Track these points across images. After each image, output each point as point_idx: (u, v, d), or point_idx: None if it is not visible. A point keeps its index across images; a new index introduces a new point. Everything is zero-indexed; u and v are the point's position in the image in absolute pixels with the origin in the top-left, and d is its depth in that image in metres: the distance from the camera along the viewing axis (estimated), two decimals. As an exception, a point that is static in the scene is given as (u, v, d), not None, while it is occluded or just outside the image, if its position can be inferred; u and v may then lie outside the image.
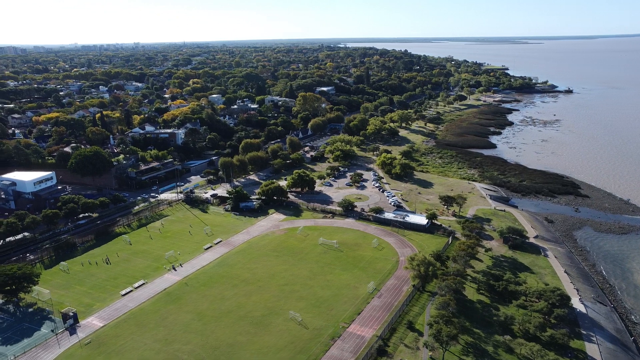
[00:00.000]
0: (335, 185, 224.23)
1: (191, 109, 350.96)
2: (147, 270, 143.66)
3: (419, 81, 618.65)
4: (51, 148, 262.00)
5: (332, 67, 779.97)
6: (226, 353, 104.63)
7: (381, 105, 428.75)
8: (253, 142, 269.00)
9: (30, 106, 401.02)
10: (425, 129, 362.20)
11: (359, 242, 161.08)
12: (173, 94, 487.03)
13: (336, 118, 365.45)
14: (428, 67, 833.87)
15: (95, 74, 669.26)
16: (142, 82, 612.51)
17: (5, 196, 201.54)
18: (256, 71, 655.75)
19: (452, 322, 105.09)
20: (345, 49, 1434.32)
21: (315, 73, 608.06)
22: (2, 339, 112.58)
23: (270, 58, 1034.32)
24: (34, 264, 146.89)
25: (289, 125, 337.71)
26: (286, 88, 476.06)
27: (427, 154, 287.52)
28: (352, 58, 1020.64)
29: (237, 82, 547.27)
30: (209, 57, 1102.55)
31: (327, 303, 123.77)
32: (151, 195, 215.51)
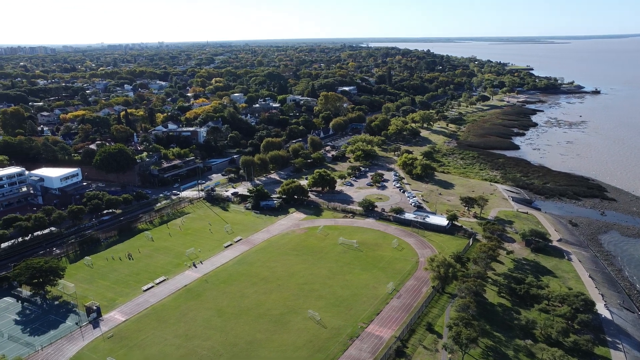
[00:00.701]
0: (356, 185, 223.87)
1: (213, 108, 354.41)
2: (168, 267, 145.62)
3: (442, 81, 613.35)
4: (77, 145, 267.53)
5: (354, 67, 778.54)
6: (245, 350, 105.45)
7: (403, 105, 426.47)
8: (274, 141, 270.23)
9: (58, 104, 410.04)
10: (447, 130, 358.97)
11: (379, 242, 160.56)
12: (196, 92, 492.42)
13: (358, 118, 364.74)
14: (451, 67, 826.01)
15: (120, 72, 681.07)
16: (166, 80, 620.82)
17: (33, 191, 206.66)
18: (278, 70, 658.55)
19: (472, 325, 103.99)
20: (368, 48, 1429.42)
21: (337, 73, 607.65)
22: (31, 329, 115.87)
23: (292, 57, 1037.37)
24: (59, 258, 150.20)
25: (311, 124, 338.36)
26: (308, 87, 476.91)
27: (448, 155, 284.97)
28: (374, 58, 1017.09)
29: (259, 81, 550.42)
30: (231, 56, 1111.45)
31: (346, 303, 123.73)
32: (173, 192, 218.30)
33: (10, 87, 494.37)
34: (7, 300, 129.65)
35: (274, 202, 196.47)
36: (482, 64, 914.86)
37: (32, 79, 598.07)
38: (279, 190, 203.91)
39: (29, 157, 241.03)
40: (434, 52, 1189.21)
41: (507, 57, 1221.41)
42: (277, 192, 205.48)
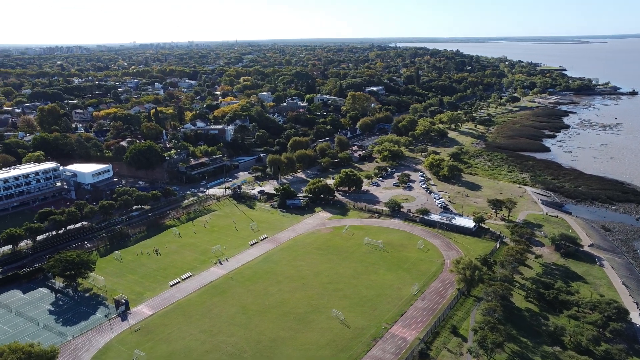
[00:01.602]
0: (382, 185, 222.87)
1: (241, 106, 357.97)
2: (195, 263, 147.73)
3: (470, 82, 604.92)
4: (109, 142, 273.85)
5: (382, 67, 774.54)
6: (268, 347, 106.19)
7: (430, 106, 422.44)
8: (301, 140, 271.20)
9: (91, 102, 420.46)
10: (475, 131, 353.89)
11: (404, 243, 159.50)
12: (224, 91, 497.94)
13: (385, 118, 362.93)
14: (480, 68, 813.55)
15: (151, 71, 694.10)
16: (195, 79, 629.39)
17: (67, 186, 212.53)
18: (306, 70, 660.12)
19: (498, 329, 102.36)
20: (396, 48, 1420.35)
21: (365, 72, 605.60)
22: (63, 319, 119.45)
23: (320, 57, 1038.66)
24: (90, 252, 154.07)
25: (338, 124, 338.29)
26: (336, 87, 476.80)
27: (476, 156, 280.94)
28: (402, 58, 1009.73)
29: (287, 80, 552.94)
30: (260, 56, 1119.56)
31: (370, 303, 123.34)
32: (200, 189, 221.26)
33: (47, 86, 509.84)
34: (42, 290, 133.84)
35: (300, 201, 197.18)
36: (512, 65, 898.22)
37: (68, 78, 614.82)
38: (305, 189, 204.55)
39: (63, 153, 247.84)
40: (463, 52, 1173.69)
41: (539, 57, 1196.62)
42: (303, 191, 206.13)
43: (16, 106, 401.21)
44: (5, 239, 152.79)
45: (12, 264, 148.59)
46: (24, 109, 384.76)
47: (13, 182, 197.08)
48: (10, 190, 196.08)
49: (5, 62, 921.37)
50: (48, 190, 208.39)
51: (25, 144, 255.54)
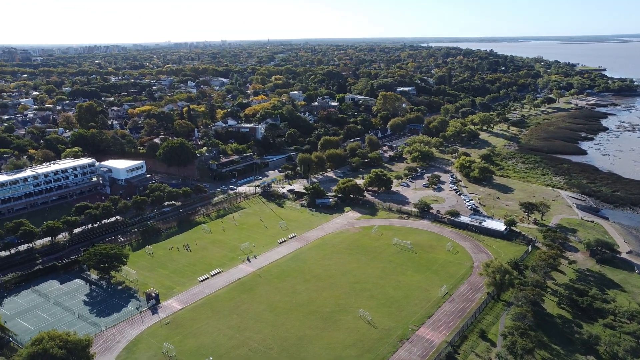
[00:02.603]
0: (412, 186, 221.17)
1: (272, 105, 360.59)
2: (223, 260, 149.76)
3: (504, 83, 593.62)
4: (143, 139, 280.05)
5: (414, 67, 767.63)
6: (295, 345, 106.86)
7: (462, 107, 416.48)
8: (332, 140, 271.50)
9: (127, 99, 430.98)
10: (507, 133, 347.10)
11: (433, 244, 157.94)
12: (255, 89, 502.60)
13: (416, 119, 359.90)
14: (514, 68, 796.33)
15: (184, 69, 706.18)
16: (227, 77, 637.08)
17: (102, 181, 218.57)
18: (337, 69, 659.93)
19: (529, 335, 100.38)
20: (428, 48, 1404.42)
21: (397, 73, 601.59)
22: (97, 310, 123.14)
23: (352, 56, 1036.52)
24: (123, 246, 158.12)
25: (369, 124, 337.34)
26: (367, 87, 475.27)
27: (508, 158, 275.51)
28: (434, 58, 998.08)
29: (318, 80, 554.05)
30: (291, 55, 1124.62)
31: (398, 304, 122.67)
32: (230, 187, 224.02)
33: (86, 84, 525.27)
34: (78, 282, 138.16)
35: (330, 200, 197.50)
36: (548, 65, 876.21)
37: (105, 76, 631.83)
38: (335, 188, 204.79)
39: (100, 149, 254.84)
40: (497, 52, 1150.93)
41: (577, 57, 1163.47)
42: (333, 190, 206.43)
43: (57, 103, 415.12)
44: (45, 231, 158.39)
45: (50, 255, 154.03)
46: (64, 106, 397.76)
47: (53, 176, 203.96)
48: (50, 184, 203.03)
49: (49, 62, 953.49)
50: (85, 185, 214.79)
51: (64, 140, 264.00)
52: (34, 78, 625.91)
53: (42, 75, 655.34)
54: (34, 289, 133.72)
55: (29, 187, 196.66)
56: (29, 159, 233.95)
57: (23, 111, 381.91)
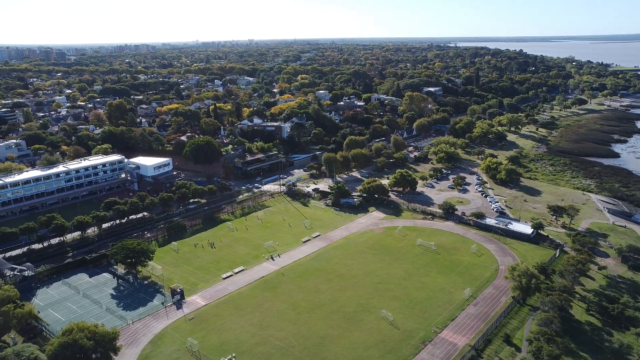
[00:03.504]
0: (437, 187, 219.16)
1: (298, 104, 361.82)
2: (247, 258, 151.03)
3: (533, 83, 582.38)
4: (170, 136, 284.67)
5: (441, 67, 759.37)
6: (316, 344, 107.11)
7: (490, 107, 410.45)
8: (357, 139, 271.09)
9: (155, 98, 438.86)
10: (536, 134, 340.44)
11: (458, 246, 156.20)
12: (281, 88, 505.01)
13: (442, 119, 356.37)
14: (544, 69, 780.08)
15: (211, 68, 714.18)
16: (254, 76, 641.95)
17: (130, 178, 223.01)
18: (364, 69, 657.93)
19: (555, 341, 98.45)
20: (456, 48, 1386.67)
21: (423, 73, 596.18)
22: (124, 304, 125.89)
23: (378, 56, 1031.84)
24: (150, 242, 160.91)
25: (394, 124, 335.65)
26: (393, 87, 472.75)
27: (536, 161, 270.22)
28: (462, 58, 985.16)
29: (345, 79, 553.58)
30: (318, 54, 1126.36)
31: (421, 305, 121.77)
32: (255, 185, 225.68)
33: (116, 82, 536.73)
34: (106, 275, 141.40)
35: (354, 200, 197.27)
36: (580, 65, 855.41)
37: (135, 75, 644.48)
38: (359, 188, 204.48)
39: (128, 146, 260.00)
40: (526, 52, 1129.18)
41: (611, 57, 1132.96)
42: (357, 190, 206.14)
43: (88, 101, 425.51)
44: (76, 225, 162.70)
45: (80, 249, 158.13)
46: (95, 103, 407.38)
47: (83, 172, 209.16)
48: (81, 180, 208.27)
49: (81, 61, 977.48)
50: (113, 181, 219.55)
51: (94, 137, 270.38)
52: (67, 77, 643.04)
53: (75, 74, 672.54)
54: (65, 282, 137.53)
55: (61, 182, 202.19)
56: (61, 155, 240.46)
57: (57, 109, 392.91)
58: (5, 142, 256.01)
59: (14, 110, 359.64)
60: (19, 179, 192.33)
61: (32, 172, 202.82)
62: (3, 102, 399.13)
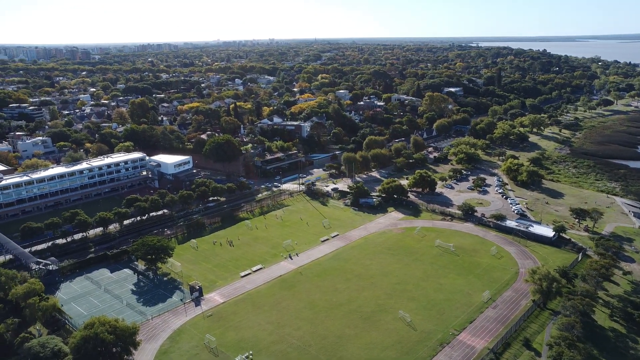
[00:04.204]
0: (456, 188, 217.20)
1: (318, 103, 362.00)
2: (266, 256, 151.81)
3: (557, 84, 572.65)
4: (190, 135, 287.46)
5: (462, 67, 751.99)
6: (333, 344, 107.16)
7: (511, 108, 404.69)
8: (377, 139, 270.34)
9: (176, 96, 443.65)
10: (559, 136, 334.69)
11: (477, 247, 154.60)
12: (302, 87, 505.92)
13: (462, 120, 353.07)
14: (569, 69, 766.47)
15: (232, 67, 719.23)
16: (274, 75, 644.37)
17: (151, 175, 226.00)
18: (384, 69, 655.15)
19: (577, 347, 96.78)
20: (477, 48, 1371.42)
21: (444, 73, 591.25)
22: (144, 300, 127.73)
23: (398, 56, 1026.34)
24: (170, 239, 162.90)
25: (414, 124, 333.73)
26: (413, 87, 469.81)
27: (559, 162, 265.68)
28: (483, 58, 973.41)
29: (365, 79, 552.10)
30: (338, 54, 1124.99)
31: (439, 307, 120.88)
32: (274, 184, 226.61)
33: (139, 81, 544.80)
34: (126, 271, 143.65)
35: (373, 200, 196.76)
36: (607, 65, 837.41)
37: (157, 73, 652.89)
38: (379, 188, 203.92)
39: (150, 144, 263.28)
40: (550, 52, 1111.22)
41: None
42: (376, 190, 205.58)
43: (112, 99, 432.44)
44: (98, 221, 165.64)
45: (102, 244, 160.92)
46: (118, 102, 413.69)
47: (106, 169, 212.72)
48: (103, 177, 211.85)
49: (105, 60, 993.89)
50: (135, 178, 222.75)
51: (117, 135, 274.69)
52: (91, 75, 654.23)
53: (99, 73, 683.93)
54: (87, 276, 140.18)
55: (84, 179, 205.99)
56: (85, 152, 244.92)
57: (81, 107, 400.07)
58: (32, 139, 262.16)
59: (40, 108, 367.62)
60: (44, 175, 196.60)
61: (57, 168, 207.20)
62: (31, 100, 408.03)
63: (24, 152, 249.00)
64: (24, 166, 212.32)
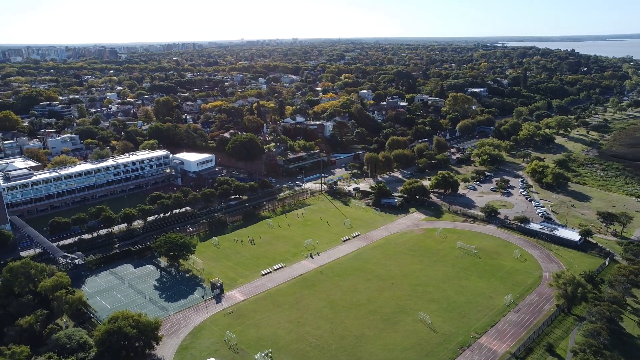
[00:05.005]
0: (479, 190, 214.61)
1: (341, 103, 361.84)
2: (286, 255, 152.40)
3: (585, 84, 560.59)
4: (213, 133, 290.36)
5: (487, 68, 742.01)
6: (353, 344, 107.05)
7: (537, 109, 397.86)
8: (399, 140, 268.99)
9: (200, 95, 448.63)
10: (586, 137, 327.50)
11: (500, 250, 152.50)
12: (325, 87, 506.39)
13: (486, 121, 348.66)
14: (598, 69, 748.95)
15: (256, 66, 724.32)
16: (297, 75, 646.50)
17: (174, 173, 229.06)
18: (407, 69, 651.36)
19: (603, 355, 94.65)
20: (503, 48, 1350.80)
21: (468, 73, 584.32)
22: (166, 296, 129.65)
23: (422, 56, 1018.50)
24: (192, 236, 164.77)
25: (437, 125, 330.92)
26: (437, 87, 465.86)
27: (586, 165, 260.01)
28: (509, 58, 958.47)
29: (388, 79, 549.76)
30: (361, 53, 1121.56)
31: (460, 309, 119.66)
32: (296, 183, 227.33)
33: (164, 79, 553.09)
34: (149, 267, 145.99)
35: (395, 200, 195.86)
36: (639, 65, 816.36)
37: (182, 72, 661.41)
38: (400, 189, 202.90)
39: (173, 141, 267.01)
40: (579, 52, 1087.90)
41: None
42: (398, 190, 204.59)
43: (137, 98, 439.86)
44: (123, 217, 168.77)
45: (126, 240, 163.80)
46: (144, 100, 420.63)
47: (131, 166, 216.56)
48: (128, 174, 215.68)
49: (132, 59, 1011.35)
50: (159, 175, 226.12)
51: (142, 132, 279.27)
52: (118, 74, 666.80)
53: (125, 72, 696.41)
54: (112, 271, 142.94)
55: (110, 175, 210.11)
56: (111, 150, 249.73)
57: (108, 105, 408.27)
58: (61, 137, 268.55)
59: (69, 106, 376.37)
60: (72, 171, 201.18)
61: (84, 165, 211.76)
62: (60, 98, 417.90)
63: (53, 148, 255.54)
64: (52, 162, 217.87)
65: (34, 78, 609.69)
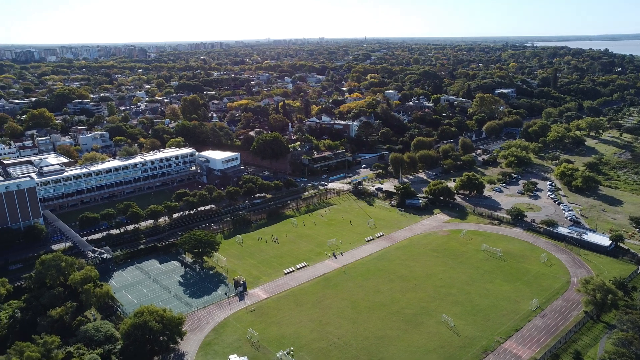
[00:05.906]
0: (505, 192, 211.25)
1: (367, 103, 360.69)
2: (310, 254, 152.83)
3: (619, 85, 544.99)
4: (239, 131, 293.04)
5: (515, 68, 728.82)
6: (374, 344, 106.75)
7: (567, 110, 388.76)
8: (425, 140, 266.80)
9: (226, 93, 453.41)
10: (619, 140, 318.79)
11: (526, 254, 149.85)
12: (350, 87, 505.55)
13: (514, 122, 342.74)
14: (633, 69, 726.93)
15: (282, 66, 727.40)
16: (323, 74, 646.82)
17: (200, 171, 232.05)
18: (434, 69, 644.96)
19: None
20: (532, 48, 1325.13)
21: (496, 74, 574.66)
22: (190, 292, 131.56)
23: (449, 56, 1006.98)
24: (216, 233, 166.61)
25: (463, 126, 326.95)
26: (463, 88, 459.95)
27: (618, 168, 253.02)
28: (538, 58, 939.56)
29: (414, 79, 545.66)
30: (388, 53, 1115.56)
31: (484, 313, 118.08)
32: (321, 183, 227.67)
33: (191, 78, 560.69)
34: (174, 263, 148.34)
35: (420, 201, 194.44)
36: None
37: (209, 71, 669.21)
38: (425, 189, 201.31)
39: (199, 139, 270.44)
40: (613, 51, 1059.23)
41: None
42: (423, 191, 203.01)
43: (165, 96, 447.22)
44: (149, 214, 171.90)
45: (152, 236, 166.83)
46: (171, 98, 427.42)
47: (158, 164, 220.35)
48: (155, 171, 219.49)
49: (160, 58, 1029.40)
50: (184, 173, 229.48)
51: (169, 130, 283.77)
52: (147, 73, 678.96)
53: (154, 70, 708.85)
54: (138, 266, 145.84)
55: (137, 172, 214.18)
56: (139, 147, 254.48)
57: (137, 103, 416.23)
58: (92, 134, 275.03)
59: (100, 104, 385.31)
60: (101, 168, 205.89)
61: (113, 162, 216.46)
62: (91, 96, 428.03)
63: (84, 145, 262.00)
64: (83, 159, 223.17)
65: (67, 77, 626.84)
